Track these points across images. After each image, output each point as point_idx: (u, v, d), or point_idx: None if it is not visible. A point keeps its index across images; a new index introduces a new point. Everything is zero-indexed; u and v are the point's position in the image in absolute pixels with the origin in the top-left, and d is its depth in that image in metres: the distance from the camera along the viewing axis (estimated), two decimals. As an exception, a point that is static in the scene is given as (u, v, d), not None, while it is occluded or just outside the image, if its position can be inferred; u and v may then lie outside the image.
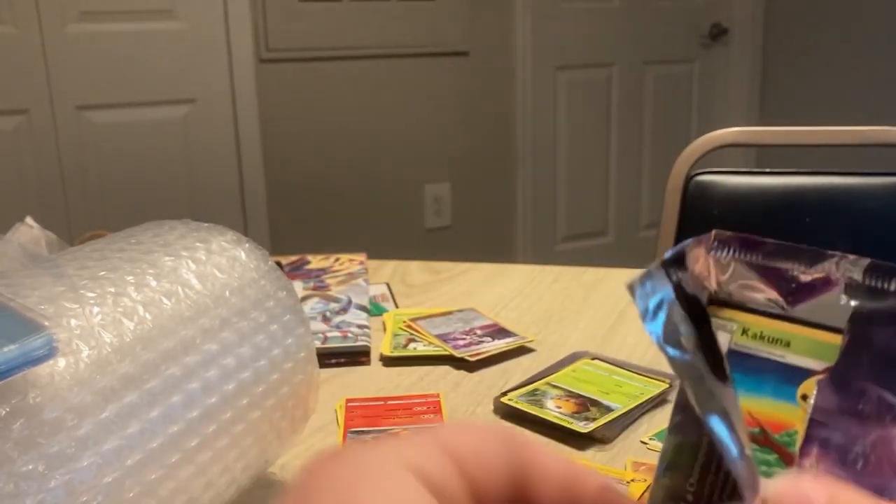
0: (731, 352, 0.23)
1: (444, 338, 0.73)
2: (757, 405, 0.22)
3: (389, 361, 0.71)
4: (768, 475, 0.21)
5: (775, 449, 0.22)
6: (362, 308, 0.80)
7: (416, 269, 0.97)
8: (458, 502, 0.21)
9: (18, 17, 2.07)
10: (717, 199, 1.16)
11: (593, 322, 0.78)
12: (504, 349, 0.71)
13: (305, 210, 2.54)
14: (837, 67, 2.86)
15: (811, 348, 0.22)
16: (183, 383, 0.38)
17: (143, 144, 2.27)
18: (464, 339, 0.72)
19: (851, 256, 0.23)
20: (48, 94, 2.13)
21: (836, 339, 0.22)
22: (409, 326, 0.76)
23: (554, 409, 0.59)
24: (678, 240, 1.17)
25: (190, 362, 0.38)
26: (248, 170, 2.42)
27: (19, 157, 2.13)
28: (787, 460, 0.21)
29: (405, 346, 0.72)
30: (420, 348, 0.71)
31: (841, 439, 0.21)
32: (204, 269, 0.42)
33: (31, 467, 0.30)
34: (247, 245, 0.46)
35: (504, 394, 0.61)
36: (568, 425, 0.56)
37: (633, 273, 0.79)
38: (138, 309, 0.38)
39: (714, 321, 0.23)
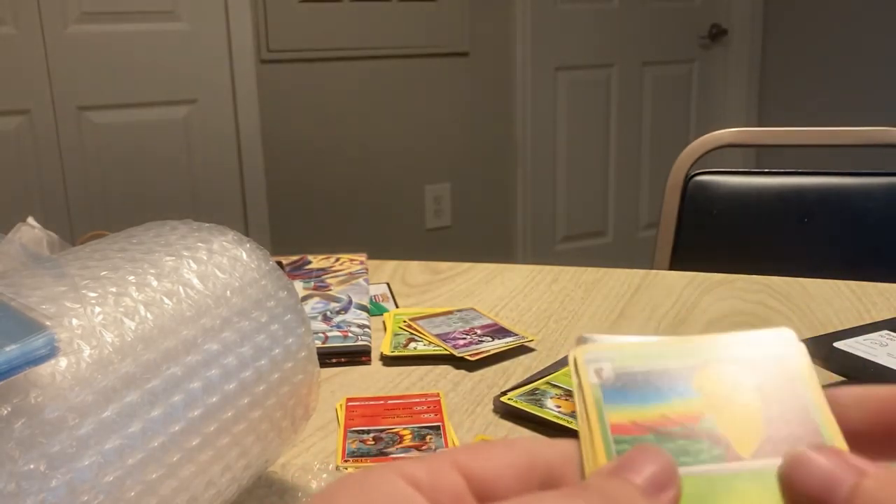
0: (619, 375, 0.24)
1: (444, 337, 0.73)
2: (666, 408, 0.23)
3: (390, 361, 0.71)
4: (706, 460, 0.22)
5: (703, 437, 0.23)
6: (363, 308, 0.80)
7: (416, 269, 0.97)
8: (460, 500, 0.21)
9: (20, 17, 2.07)
10: (717, 198, 1.16)
11: (593, 322, 0.79)
12: (504, 349, 0.71)
13: (306, 210, 2.55)
14: (836, 68, 2.86)
15: (684, 353, 0.25)
16: (184, 383, 0.38)
17: (144, 145, 2.27)
18: (464, 338, 0.73)
19: None
20: (49, 95, 2.14)
21: (699, 340, 0.25)
22: (410, 326, 0.76)
23: (553, 409, 0.59)
24: (677, 240, 1.17)
25: (191, 362, 0.39)
26: (248, 170, 2.42)
27: (21, 158, 2.13)
28: (717, 442, 0.23)
29: (405, 346, 0.72)
30: (420, 348, 0.71)
31: None
32: (205, 269, 0.43)
33: (32, 467, 0.31)
34: (248, 245, 0.46)
35: (504, 393, 0.61)
36: (567, 424, 0.57)
37: (632, 273, 0.80)
38: (139, 309, 0.38)
39: (589, 356, 0.25)
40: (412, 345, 0.72)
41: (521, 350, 0.72)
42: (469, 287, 0.90)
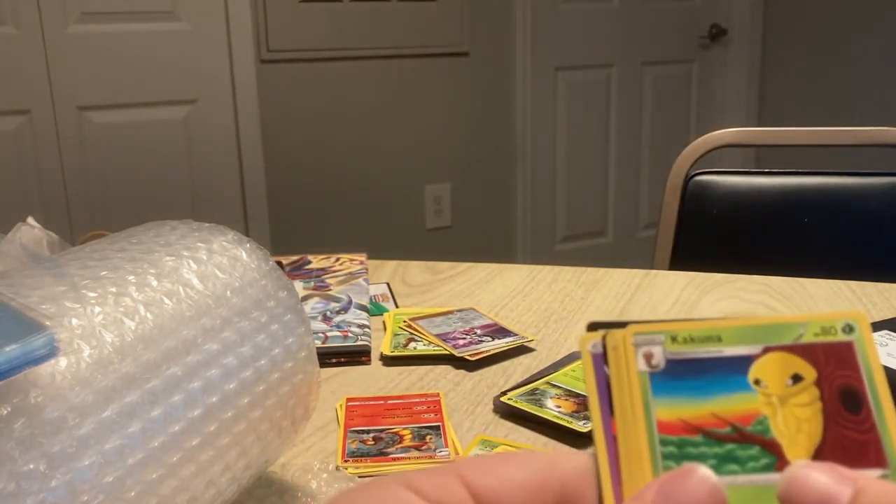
0: (669, 362, 0.22)
1: (443, 337, 0.73)
2: (717, 405, 0.22)
3: (389, 361, 0.71)
4: (754, 469, 0.21)
5: (754, 441, 0.21)
6: (362, 308, 0.80)
7: (416, 269, 0.97)
8: None
9: (20, 17, 2.07)
10: (716, 198, 1.16)
11: (593, 322, 0.79)
12: (504, 348, 0.71)
13: (306, 210, 2.55)
14: (836, 68, 2.86)
15: (742, 335, 0.22)
16: (184, 383, 0.38)
17: (144, 145, 2.27)
18: (464, 338, 0.73)
19: None
20: (49, 95, 2.14)
21: (760, 321, 0.22)
22: (409, 326, 0.76)
23: (553, 409, 0.59)
24: (677, 240, 1.17)
25: (191, 362, 0.39)
26: (248, 170, 2.42)
27: (21, 158, 2.13)
28: (769, 449, 0.21)
29: (405, 346, 0.72)
30: (420, 348, 0.71)
31: None
32: (205, 269, 0.43)
33: (32, 466, 0.31)
34: (248, 245, 0.46)
35: (504, 393, 0.61)
36: (567, 424, 0.57)
37: (632, 273, 0.80)
38: (139, 308, 0.38)
39: (638, 338, 0.22)
40: (412, 345, 0.72)
41: (521, 350, 0.72)
42: (469, 287, 0.90)
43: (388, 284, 0.91)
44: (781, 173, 1.16)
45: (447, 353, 0.70)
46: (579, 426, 0.56)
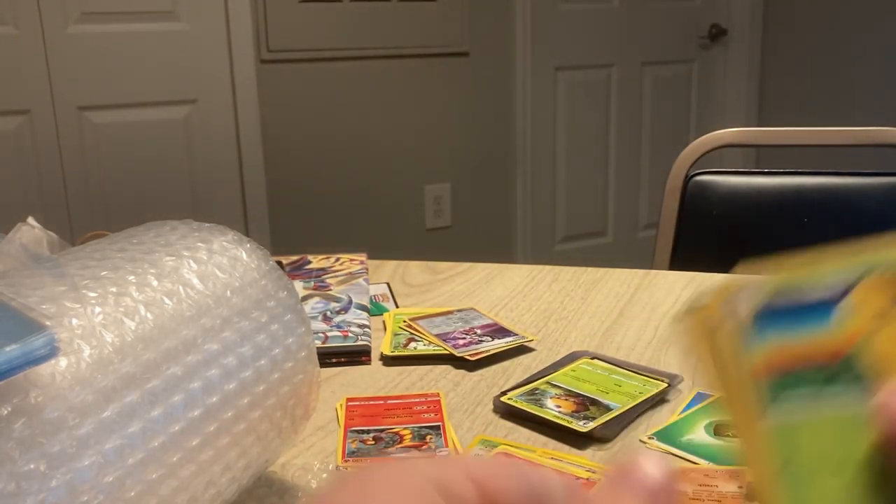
0: (763, 310, 0.23)
1: (443, 337, 0.73)
2: (812, 339, 0.22)
3: (389, 361, 0.71)
4: (852, 395, 0.21)
5: (850, 367, 0.22)
6: (363, 308, 0.80)
7: (416, 269, 0.97)
8: None
9: (20, 17, 2.07)
10: (716, 199, 1.16)
11: (592, 321, 0.79)
12: (504, 348, 0.71)
13: (306, 210, 2.55)
14: (836, 68, 2.86)
15: (835, 271, 0.23)
16: (184, 383, 0.38)
17: (144, 145, 2.27)
18: (464, 338, 0.73)
19: None
20: (49, 95, 2.14)
21: (847, 261, 0.23)
22: (410, 326, 0.76)
23: (553, 409, 0.59)
24: (677, 240, 1.17)
25: (191, 362, 0.39)
26: (248, 170, 2.42)
27: (21, 158, 2.13)
28: (865, 373, 0.21)
29: (405, 346, 0.72)
30: (420, 348, 0.71)
31: None
32: (205, 269, 0.43)
33: (32, 466, 0.31)
34: (248, 245, 0.47)
35: (504, 393, 0.61)
36: (567, 424, 0.57)
37: (632, 273, 0.79)
38: (140, 308, 0.38)
39: (729, 298, 0.23)
40: (412, 345, 0.72)
41: (521, 350, 0.72)
42: (469, 287, 0.90)
43: (388, 284, 0.91)
44: (781, 173, 1.16)
45: (447, 353, 0.70)
46: (579, 426, 0.56)
